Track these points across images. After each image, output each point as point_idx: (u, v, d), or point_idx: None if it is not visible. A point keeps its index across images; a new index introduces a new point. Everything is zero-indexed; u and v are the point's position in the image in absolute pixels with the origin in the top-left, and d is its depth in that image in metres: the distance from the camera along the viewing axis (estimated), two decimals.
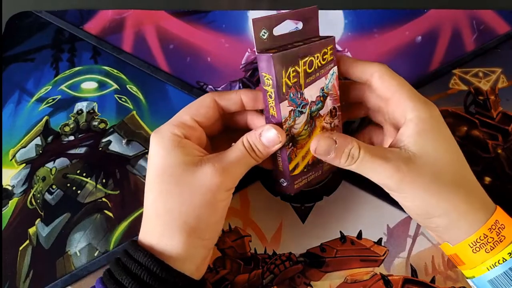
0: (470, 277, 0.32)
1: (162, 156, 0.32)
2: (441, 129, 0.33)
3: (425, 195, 0.31)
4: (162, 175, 0.31)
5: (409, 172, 0.30)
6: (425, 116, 0.32)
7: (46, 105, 0.48)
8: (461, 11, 0.50)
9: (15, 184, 0.44)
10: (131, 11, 0.52)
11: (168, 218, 0.31)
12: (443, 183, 0.31)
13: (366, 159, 0.31)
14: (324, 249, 0.39)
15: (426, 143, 0.31)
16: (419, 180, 0.30)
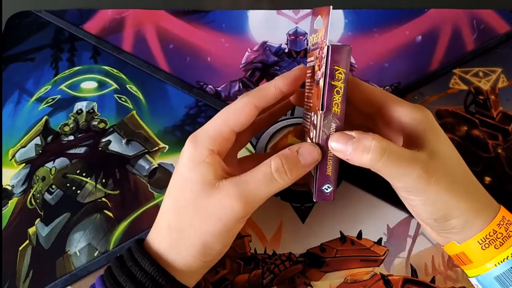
0: (474, 276, 0.32)
1: (188, 169, 0.30)
2: (439, 128, 0.32)
3: (447, 196, 0.30)
4: (183, 188, 0.31)
5: (435, 171, 0.29)
6: (421, 117, 0.31)
7: (46, 104, 0.48)
8: (461, 11, 0.50)
9: (15, 184, 0.44)
10: (131, 10, 0.52)
11: (178, 236, 0.30)
12: (461, 182, 0.30)
13: (393, 156, 0.28)
14: (324, 249, 0.39)
15: (436, 142, 0.30)
16: (443, 181, 0.29)
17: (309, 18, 0.51)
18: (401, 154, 0.29)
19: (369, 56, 0.48)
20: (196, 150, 0.30)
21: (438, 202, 0.30)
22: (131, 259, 0.31)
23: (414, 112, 0.31)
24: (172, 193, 0.31)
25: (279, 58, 0.49)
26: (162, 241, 0.31)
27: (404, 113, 0.31)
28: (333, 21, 0.50)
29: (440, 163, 0.30)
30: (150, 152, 0.45)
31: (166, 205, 0.32)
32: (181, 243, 0.30)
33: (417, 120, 0.31)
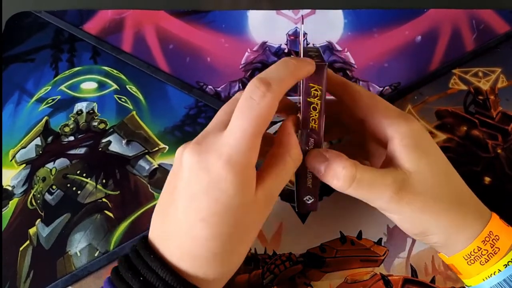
0: (469, 286, 0.32)
1: (229, 195, 0.26)
2: (425, 142, 0.31)
3: (423, 215, 0.30)
4: (224, 215, 0.27)
5: (407, 193, 0.29)
6: (406, 130, 0.30)
7: (46, 105, 0.48)
8: (461, 11, 0.50)
9: (15, 185, 0.44)
10: (131, 11, 0.52)
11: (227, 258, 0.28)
12: (440, 200, 0.30)
13: (363, 183, 0.29)
14: (324, 249, 0.39)
15: (416, 160, 0.30)
16: (417, 200, 0.29)
17: (309, 18, 0.51)
18: (371, 179, 0.29)
19: (368, 56, 0.48)
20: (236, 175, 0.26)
21: (414, 220, 0.30)
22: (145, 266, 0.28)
23: (398, 126, 0.30)
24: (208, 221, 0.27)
25: (279, 59, 0.48)
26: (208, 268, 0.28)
27: (388, 126, 0.31)
28: (333, 21, 0.50)
29: (417, 182, 0.29)
30: (150, 152, 0.45)
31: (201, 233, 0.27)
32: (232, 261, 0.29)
33: (400, 134, 0.30)
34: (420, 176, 0.30)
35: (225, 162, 0.26)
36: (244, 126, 0.26)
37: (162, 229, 0.29)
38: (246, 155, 0.26)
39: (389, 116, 0.31)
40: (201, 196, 0.26)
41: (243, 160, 0.26)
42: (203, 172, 0.26)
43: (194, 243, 0.27)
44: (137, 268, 0.28)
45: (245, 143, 0.26)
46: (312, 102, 0.30)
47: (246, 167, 0.26)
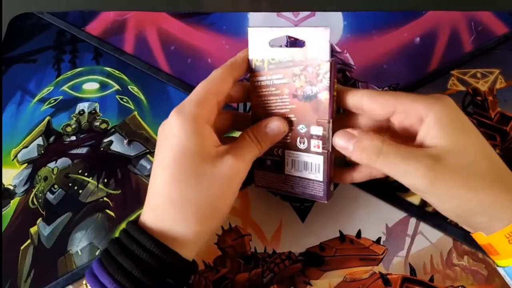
0: (502, 266, 0.31)
1: (182, 139, 0.30)
2: (461, 119, 0.30)
3: (464, 192, 0.29)
4: (181, 160, 0.30)
5: (443, 169, 0.28)
6: (440, 108, 0.30)
7: (48, 105, 0.48)
8: (459, 13, 0.50)
9: (17, 184, 0.44)
10: (133, 12, 0.53)
11: (185, 208, 0.30)
12: (481, 177, 0.29)
13: (391, 155, 0.29)
14: (324, 248, 0.40)
15: (453, 136, 0.29)
16: (455, 177, 0.28)
17: (309, 20, 0.51)
18: (401, 153, 0.29)
19: (367, 57, 0.49)
20: (186, 120, 0.30)
21: (454, 199, 0.29)
22: (134, 242, 0.29)
23: (431, 105, 0.30)
24: (167, 169, 0.30)
25: None
26: (166, 218, 0.30)
27: (420, 107, 0.30)
28: (333, 23, 0.51)
29: (455, 159, 0.29)
30: (151, 152, 0.45)
31: (160, 179, 0.30)
32: (189, 214, 0.30)
33: (435, 112, 0.30)
34: (459, 152, 0.29)
35: (176, 110, 0.31)
36: (197, 87, 0.32)
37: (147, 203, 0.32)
38: (195, 105, 0.31)
39: (419, 99, 0.30)
40: (162, 148, 0.31)
41: (192, 109, 0.30)
42: (163, 127, 0.32)
43: (156, 192, 0.31)
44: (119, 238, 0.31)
45: (194, 95, 0.31)
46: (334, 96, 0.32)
47: (196, 116, 0.30)
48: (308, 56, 0.32)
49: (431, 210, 0.40)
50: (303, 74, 0.32)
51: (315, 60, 0.31)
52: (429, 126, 0.30)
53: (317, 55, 0.31)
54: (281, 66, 0.33)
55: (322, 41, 0.31)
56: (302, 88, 0.32)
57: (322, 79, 0.31)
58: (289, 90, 0.33)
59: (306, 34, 0.31)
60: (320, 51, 0.31)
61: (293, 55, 0.32)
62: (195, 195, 0.30)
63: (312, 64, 0.31)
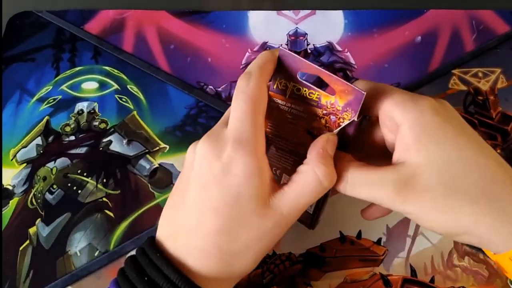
0: None
1: (241, 179, 0.26)
2: (443, 125, 0.26)
3: (439, 213, 0.26)
4: (234, 206, 0.26)
5: (413, 190, 0.26)
6: (416, 115, 0.26)
7: (47, 105, 0.48)
8: (461, 11, 0.50)
9: (16, 184, 0.44)
10: (132, 11, 0.52)
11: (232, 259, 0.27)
12: (460, 194, 0.25)
13: (357, 184, 0.27)
14: (324, 249, 0.39)
15: (428, 148, 0.26)
16: (428, 197, 0.26)
17: (309, 19, 0.51)
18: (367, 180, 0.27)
19: (368, 56, 0.48)
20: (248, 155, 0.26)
21: (431, 220, 0.27)
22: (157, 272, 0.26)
23: (406, 111, 0.26)
24: (219, 211, 0.26)
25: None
26: (212, 265, 0.27)
27: (396, 112, 0.27)
28: (333, 22, 0.50)
29: (428, 177, 0.25)
30: (150, 152, 0.45)
31: (210, 225, 0.27)
32: (236, 266, 0.28)
33: (409, 120, 0.26)
34: (433, 168, 0.26)
35: (234, 141, 0.26)
36: (241, 106, 0.27)
37: (170, 226, 0.29)
38: (252, 132, 0.26)
39: (397, 103, 0.27)
40: (213, 185, 0.26)
41: (251, 137, 0.26)
42: (214, 158, 0.26)
43: (202, 236, 0.27)
44: (142, 266, 0.27)
45: (247, 120, 0.26)
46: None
47: (256, 145, 0.26)
48: (335, 106, 0.30)
49: None
50: (325, 119, 0.30)
51: (341, 113, 0.29)
52: (403, 136, 0.26)
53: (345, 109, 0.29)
54: (304, 101, 0.31)
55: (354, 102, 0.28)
56: (319, 129, 0.31)
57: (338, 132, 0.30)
58: (305, 126, 0.31)
59: (340, 87, 0.29)
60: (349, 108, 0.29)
61: (320, 97, 0.30)
62: (244, 248, 0.27)
63: (337, 115, 0.30)
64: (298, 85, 0.31)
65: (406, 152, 0.26)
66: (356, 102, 0.28)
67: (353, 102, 0.29)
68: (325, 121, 0.31)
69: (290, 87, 0.31)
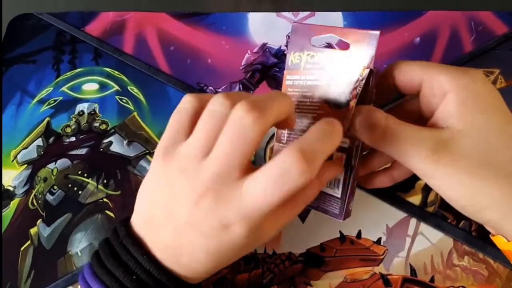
0: None
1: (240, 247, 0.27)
2: (488, 98, 0.26)
3: (471, 180, 0.25)
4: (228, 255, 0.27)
5: (449, 153, 0.25)
6: (466, 82, 0.26)
7: (48, 106, 0.48)
8: (459, 13, 0.50)
9: (17, 185, 0.44)
10: (132, 13, 0.53)
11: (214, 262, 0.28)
12: (495, 167, 0.25)
13: (395, 134, 0.26)
14: (324, 248, 0.40)
15: (472, 116, 0.26)
16: (463, 162, 0.25)
17: (309, 20, 0.51)
18: (405, 132, 0.26)
19: None
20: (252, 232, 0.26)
21: (458, 186, 0.26)
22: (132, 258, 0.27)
23: (456, 78, 0.26)
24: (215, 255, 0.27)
25: (279, 60, 0.49)
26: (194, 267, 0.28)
27: (445, 80, 0.27)
28: (332, 23, 0.51)
29: (467, 142, 0.25)
30: (151, 153, 0.45)
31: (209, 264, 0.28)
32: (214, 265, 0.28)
33: (458, 87, 0.26)
34: (474, 135, 0.26)
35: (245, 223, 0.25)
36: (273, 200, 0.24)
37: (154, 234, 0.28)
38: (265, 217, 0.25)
39: (445, 71, 0.27)
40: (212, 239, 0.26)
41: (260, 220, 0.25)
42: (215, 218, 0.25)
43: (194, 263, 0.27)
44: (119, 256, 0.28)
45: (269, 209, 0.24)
46: None
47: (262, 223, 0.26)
48: (350, 60, 0.29)
49: (431, 211, 0.40)
50: (340, 79, 0.29)
51: (356, 65, 0.29)
52: (449, 102, 0.26)
53: (360, 60, 0.28)
54: (318, 67, 0.30)
55: (368, 46, 0.28)
56: (335, 93, 0.30)
57: (357, 86, 0.29)
58: (321, 94, 0.30)
59: (353, 36, 0.28)
60: (364, 56, 0.28)
61: (334, 56, 0.29)
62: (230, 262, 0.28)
63: (352, 70, 0.29)
64: (312, 52, 0.30)
65: (447, 118, 0.26)
66: (371, 46, 0.28)
67: (368, 48, 0.28)
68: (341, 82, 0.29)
69: (304, 57, 0.30)
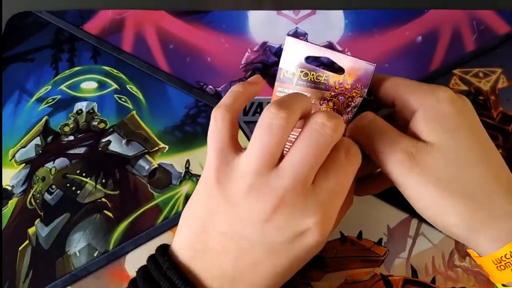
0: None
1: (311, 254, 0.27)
2: (457, 116, 0.28)
3: (437, 193, 0.26)
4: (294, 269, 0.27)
5: (423, 163, 0.26)
6: (432, 103, 0.27)
7: (46, 105, 0.48)
8: (461, 11, 0.50)
9: (15, 184, 0.44)
10: (131, 11, 0.52)
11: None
12: (462, 183, 0.26)
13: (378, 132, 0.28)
14: (324, 249, 0.39)
15: (440, 134, 0.27)
16: (434, 175, 0.26)
17: (309, 19, 0.51)
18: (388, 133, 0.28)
19: (369, 56, 0.48)
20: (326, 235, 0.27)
21: (426, 199, 0.27)
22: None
23: (423, 98, 0.28)
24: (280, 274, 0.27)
25: (279, 59, 0.48)
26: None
27: (413, 99, 0.28)
28: (333, 22, 0.50)
29: (437, 156, 0.27)
30: (150, 152, 0.45)
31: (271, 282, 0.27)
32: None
33: (425, 106, 0.28)
34: (443, 151, 0.27)
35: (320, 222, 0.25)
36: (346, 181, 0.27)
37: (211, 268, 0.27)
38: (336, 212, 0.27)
39: (414, 90, 0.29)
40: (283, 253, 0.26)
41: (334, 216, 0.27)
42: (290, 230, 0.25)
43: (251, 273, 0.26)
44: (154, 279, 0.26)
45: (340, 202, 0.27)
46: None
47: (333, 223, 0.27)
48: (343, 85, 0.30)
49: None
50: (333, 101, 0.30)
51: (349, 91, 0.29)
52: (417, 120, 0.28)
53: (354, 86, 0.29)
54: (311, 86, 0.31)
55: (364, 76, 0.29)
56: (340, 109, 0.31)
57: (349, 111, 0.30)
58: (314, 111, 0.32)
59: (349, 64, 0.29)
60: (358, 83, 0.29)
61: (328, 78, 0.30)
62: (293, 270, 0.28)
63: (346, 95, 0.30)
64: (305, 70, 0.31)
65: (418, 134, 0.28)
66: (365, 76, 0.29)
67: (363, 76, 0.29)
68: (333, 104, 0.30)
69: (297, 74, 0.31)
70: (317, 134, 0.25)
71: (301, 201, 0.24)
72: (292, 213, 0.25)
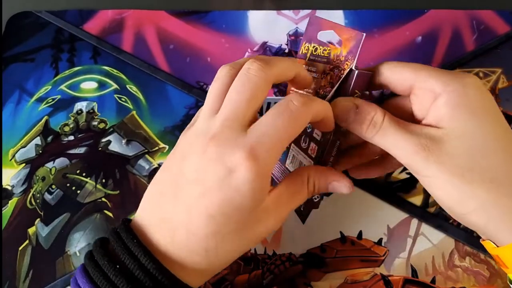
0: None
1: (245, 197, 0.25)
2: (481, 102, 0.27)
3: (460, 181, 0.26)
4: (231, 216, 0.26)
5: (439, 151, 0.26)
6: (457, 87, 0.27)
7: (46, 105, 0.48)
8: (461, 12, 0.50)
9: (15, 184, 0.44)
10: (131, 11, 0.52)
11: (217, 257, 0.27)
12: (484, 170, 0.26)
13: (389, 129, 0.27)
14: (324, 249, 0.39)
15: (463, 120, 0.26)
16: (451, 162, 0.26)
17: None
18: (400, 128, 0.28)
19: (369, 56, 0.48)
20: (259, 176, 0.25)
21: (445, 186, 0.26)
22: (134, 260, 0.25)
23: (447, 83, 0.27)
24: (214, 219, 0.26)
25: None
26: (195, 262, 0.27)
27: (436, 84, 0.28)
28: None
29: (458, 145, 0.26)
30: (150, 152, 0.45)
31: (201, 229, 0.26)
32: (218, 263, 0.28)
33: (448, 91, 0.27)
34: (464, 138, 0.26)
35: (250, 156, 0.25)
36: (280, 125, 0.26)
37: (154, 214, 0.28)
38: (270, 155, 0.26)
39: (436, 74, 0.28)
40: (214, 192, 0.25)
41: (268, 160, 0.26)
42: (220, 162, 0.25)
43: (190, 237, 0.26)
44: (115, 252, 0.26)
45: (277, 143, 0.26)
46: None
47: (269, 170, 0.26)
48: (339, 57, 0.30)
49: (433, 211, 0.40)
50: (330, 74, 0.31)
51: (343, 64, 0.30)
52: (439, 105, 0.27)
53: (347, 58, 0.30)
54: (318, 60, 0.32)
55: (355, 46, 0.29)
56: (325, 87, 0.31)
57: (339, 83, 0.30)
58: (315, 86, 0.32)
59: (345, 34, 0.30)
60: (350, 55, 0.29)
61: (330, 51, 0.31)
62: (230, 252, 0.28)
63: (340, 67, 0.30)
64: (316, 45, 0.31)
65: (438, 120, 0.27)
66: (355, 46, 0.29)
67: (354, 47, 0.29)
68: (330, 77, 0.31)
69: (310, 48, 0.32)
70: (242, 76, 0.27)
71: (233, 137, 0.26)
72: (222, 146, 0.25)
